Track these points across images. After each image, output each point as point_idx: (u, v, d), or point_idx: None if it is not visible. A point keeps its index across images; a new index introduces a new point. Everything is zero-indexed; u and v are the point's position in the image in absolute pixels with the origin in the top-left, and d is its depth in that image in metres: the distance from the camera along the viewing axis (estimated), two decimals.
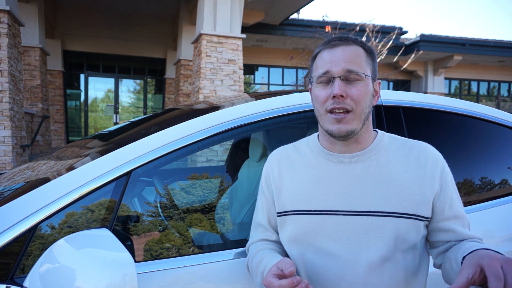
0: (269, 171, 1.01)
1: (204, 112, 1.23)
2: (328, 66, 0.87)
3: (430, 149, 0.93)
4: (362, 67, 0.87)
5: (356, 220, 0.85)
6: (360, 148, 0.92)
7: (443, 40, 12.20)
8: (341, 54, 0.87)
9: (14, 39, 5.90)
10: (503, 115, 1.54)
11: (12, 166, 5.57)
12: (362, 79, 0.86)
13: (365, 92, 0.86)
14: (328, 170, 0.92)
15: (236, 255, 1.09)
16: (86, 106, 10.80)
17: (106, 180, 1.00)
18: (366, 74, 0.87)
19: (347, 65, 0.85)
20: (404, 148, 0.92)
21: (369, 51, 0.91)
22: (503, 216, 1.37)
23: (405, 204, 0.85)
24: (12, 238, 0.89)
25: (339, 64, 0.86)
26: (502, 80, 15.38)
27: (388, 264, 0.84)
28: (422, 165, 0.89)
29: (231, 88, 6.98)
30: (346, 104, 0.85)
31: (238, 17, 7.10)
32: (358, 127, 0.87)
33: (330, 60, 0.87)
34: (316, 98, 0.90)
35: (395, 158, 0.90)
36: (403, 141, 0.95)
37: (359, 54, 0.88)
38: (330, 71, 0.86)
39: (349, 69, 0.85)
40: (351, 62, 0.86)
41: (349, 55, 0.86)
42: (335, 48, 0.88)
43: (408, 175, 0.88)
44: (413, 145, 0.93)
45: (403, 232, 0.84)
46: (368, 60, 0.89)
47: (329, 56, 0.88)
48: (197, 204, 1.30)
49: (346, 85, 0.85)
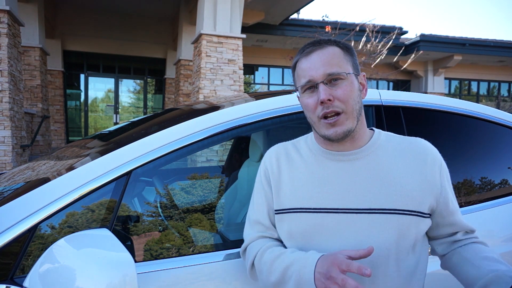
0: (268, 167, 1.00)
1: (204, 112, 1.23)
2: (309, 74, 0.88)
3: (427, 145, 0.94)
4: (342, 67, 0.87)
5: (357, 218, 0.85)
6: (357, 145, 0.92)
7: (443, 40, 12.20)
8: (318, 59, 0.87)
9: (14, 39, 5.90)
10: (503, 115, 1.54)
11: (12, 166, 5.57)
12: (345, 78, 0.87)
13: (350, 90, 0.87)
14: (327, 168, 0.92)
15: (236, 255, 1.09)
16: (86, 106, 10.80)
17: (106, 180, 1.00)
18: (347, 72, 0.87)
19: (326, 69, 0.86)
20: (402, 145, 0.93)
21: (345, 48, 0.91)
22: (503, 216, 1.37)
23: (406, 201, 0.85)
24: (12, 238, 0.89)
25: (318, 70, 0.86)
26: (502, 80, 15.38)
27: (389, 262, 0.84)
28: (421, 161, 0.90)
29: (231, 88, 6.98)
30: (336, 107, 0.86)
31: (238, 17, 7.10)
32: (353, 125, 0.88)
33: (309, 68, 0.88)
34: (306, 107, 0.91)
35: (393, 155, 0.91)
36: (401, 138, 0.96)
37: (336, 54, 0.88)
38: (312, 78, 0.87)
39: (329, 72, 0.86)
40: (330, 64, 0.86)
41: (325, 58, 0.87)
42: (311, 55, 0.89)
43: (407, 172, 0.88)
44: (410, 142, 0.95)
45: (404, 229, 0.84)
46: (346, 57, 0.90)
47: (307, 64, 0.89)
48: (197, 204, 1.30)
49: (330, 88, 0.86)
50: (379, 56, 9.69)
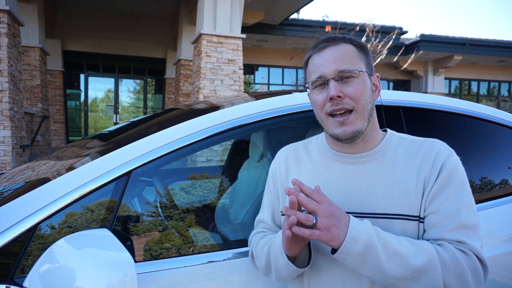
0: (276, 168, 1.00)
1: (204, 112, 1.23)
2: (320, 70, 0.86)
3: (436, 145, 0.87)
4: (354, 64, 0.85)
5: None
6: (367, 148, 0.89)
7: (443, 40, 12.20)
8: (330, 55, 0.85)
9: (14, 39, 5.90)
10: (503, 115, 1.54)
11: (12, 166, 5.56)
12: (357, 75, 0.84)
13: (362, 88, 0.84)
14: (334, 170, 0.90)
15: (236, 255, 1.09)
16: (86, 106, 10.80)
17: (106, 180, 1.00)
18: (360, 70, 0.85)
19: (338, 66, 0.84)
20: (413, 148, 0.89)
21: (359, 47, 0.89)
22: (503, 216, 1.36)
23: (410, 206, 0.82)
24: (12, 238, 0.89)
25: (330, 66, 0.84)
26: (502, 80, 15.37)
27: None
28: (427, 163, 0.84)
29: (231, 88, 6.98)
30: (345, 104, 0.83)
31: (238, 17, 7.10)
32: (364, 126, 0.85)
33: (321, 64, 0.86)
34: (315, 103, 0.89)
35: (402, 158, 0.87)
36: (413, 140, 0.91)
37: (349, 51, 0.86)
38: (323, 74, 0.85)
39: (341, 69, 0.84)
40: (342, 61, 0.84)
41: (338, 55, 0.85)
42: (323, 51, 0.87)
43: (413, 175, 0.84)
44: (422, 143, 0.89)
45: (408, 235, 0.81)
46: (360, 56, 0.88)
47: (319, 60, 0.87)
48: (197, 204, 1.30)
49: (341, 85, 0.84)
50: (379, 56, 9.68)
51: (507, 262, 1.26)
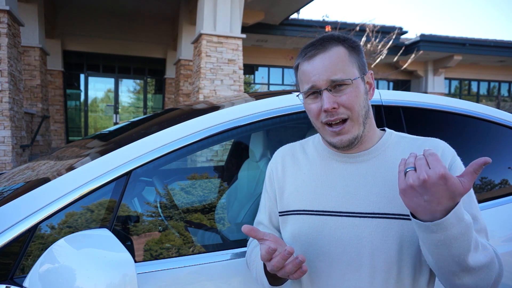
0: (273, 169, 1.00)
1: (204, 112, 1.23)
2: (311, 80, 0.83)
3: (439, 145, 0.86)
4: (346, 71, 0.82)
5: (360, 222, 0.82)
6: (364, 147, 0.89)
7: (443, 40, 12.20)
8: (320, 65, 0.82)
9: (14, 39, 5.90)
10: (503, 115, 1.54)
11: (12, 166, 5.56)
12: (350, 84, 0.82)
13: (356, 96, 0.82)
14: (332, 170, 0.90)
15: (235, 255, 1.09)
16: (86, 106, 10.81)
17: (106, 180, 1.00)
18: (352, 78, 0.82)
19: (330, 76, 0.81)
20: (413, 147, 0.88)
21: (350, 47, 0.85)
22: (503, 216, 1.36)
23: None
24: (12, 238, 0.89)
25: (321, 76, 0.81)
26: (502, 80, 15.38)
27: (393, 269, 0.80)
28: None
29: (231, 88, 6.98)
30: (340, 114, 0.82)
31: (238, 17, 7.10)
32: (360, 131, 0.85)
33: (312, 73, 0.83)
34: (309, 112, 0.87)
35: (401, 157, 0.86)
36: (413, 139, 0.90)
37: (340, 57, 0.82)
38: (315, 84, 0.83)
39: (333, 79, 0.81)
40: (334, 70, 0.81)
41: (329, 63, 0.81)
42: (313, 59, 0.83)
43: None
44: (423, 142, 0.88)
45: (408, 235, 0.80)
46: (352, 59, 0.84)
47: (309, 69, 0.83)
48: (197, 204, 1.30)
49: (335, 95, 0.82)
50: (379, 56, 9.68)
51: (507, 262, 1.26)
